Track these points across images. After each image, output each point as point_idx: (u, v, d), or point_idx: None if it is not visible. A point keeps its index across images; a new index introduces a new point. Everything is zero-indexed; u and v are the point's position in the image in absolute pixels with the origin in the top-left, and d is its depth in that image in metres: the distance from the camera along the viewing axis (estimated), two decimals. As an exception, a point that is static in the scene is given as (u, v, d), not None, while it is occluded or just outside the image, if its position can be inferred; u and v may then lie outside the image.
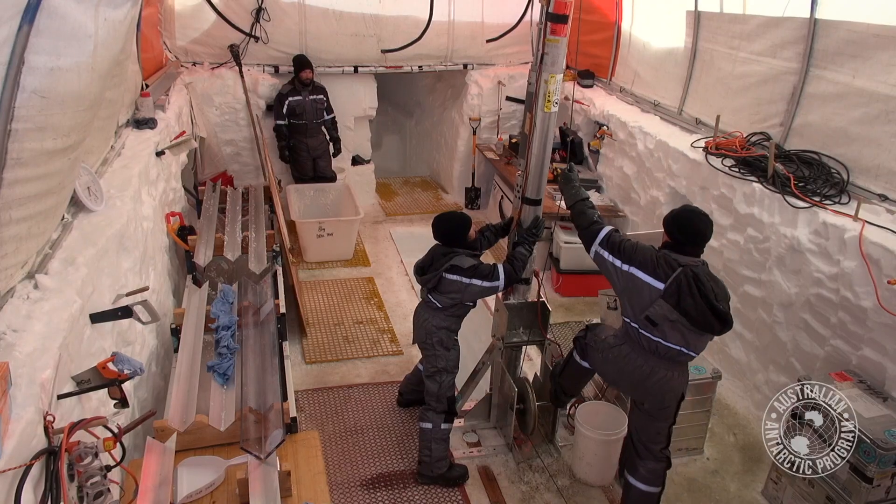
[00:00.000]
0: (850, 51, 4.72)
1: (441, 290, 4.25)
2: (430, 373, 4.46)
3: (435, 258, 4.29)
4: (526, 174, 4.30)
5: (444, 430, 4.45)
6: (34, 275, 2.98)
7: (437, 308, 4.35)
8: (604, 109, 7.39)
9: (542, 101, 3.91)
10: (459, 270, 4.14)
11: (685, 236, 3.61)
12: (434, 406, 4.44)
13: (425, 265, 4.35)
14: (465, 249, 4.29)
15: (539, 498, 4.46)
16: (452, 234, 4.32)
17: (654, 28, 7.12)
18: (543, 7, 3.75)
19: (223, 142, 8.04)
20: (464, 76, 8.93)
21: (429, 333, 4.39)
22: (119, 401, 2.87)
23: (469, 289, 4.18)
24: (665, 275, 3.54)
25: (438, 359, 4.41)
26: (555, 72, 3.81)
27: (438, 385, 4.42)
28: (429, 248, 4.42)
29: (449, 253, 4.23)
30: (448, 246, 4.30)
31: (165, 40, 7.53)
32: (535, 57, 4.00)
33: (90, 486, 2.39)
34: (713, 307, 3.44)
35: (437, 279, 4.19)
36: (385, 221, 8.78)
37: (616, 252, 3.72)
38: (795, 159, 5.03)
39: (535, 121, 4.03)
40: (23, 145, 2.47)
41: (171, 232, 5.36)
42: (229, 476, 3.22)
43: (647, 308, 3.59)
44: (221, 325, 4.14)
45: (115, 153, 4.77)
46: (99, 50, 2.84)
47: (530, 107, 4.15)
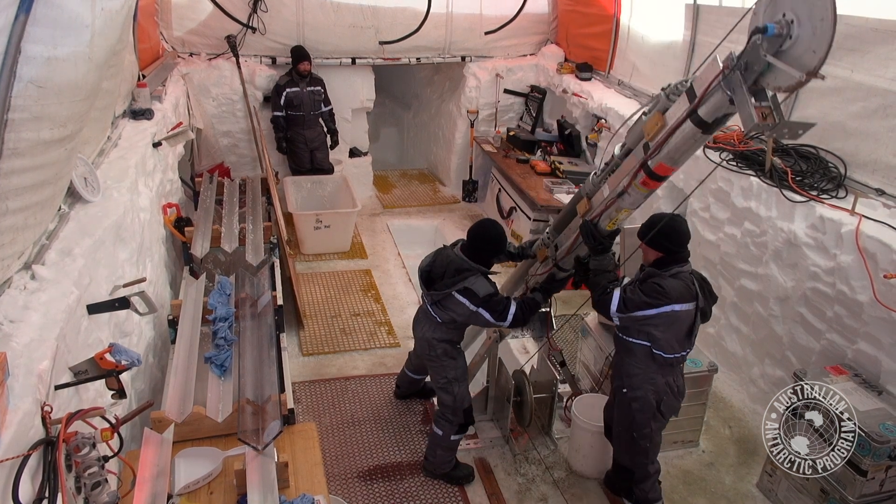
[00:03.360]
0: (848, 45, 4.70)
1: (444, 306, 4.06)
2: (440, 385, 4.33)
3: (448, 271, 3.98)
4: (565, 250, 4.04)
5: (453, 441, 4.41)
6: (31, 265, 2.97)
7: (438, 322, 4.19)
8: (602, 102, 7.37)
9: (606, 220, 3.57)
10: (472, 296, 3.90)
11: (677, 244, 3.64)
12: (450, 417, 4.34)
13: (434, 273, 4.07)
14: (483, 267, 4.00)
15: (535, 490, 4.48)
16: (485, 249, 4.02)
17: (652, 21, 7.10)
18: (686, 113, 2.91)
19: (220, 133, 8.03)
20: (462, 68, 8.91)
21: (431, 347, 4.26)
22: (116, 391, 2.87)
23: (474, 317, 3.99)
24: (691, 293, 3.58)
25: (447, 369, 4.28)
26: (629, 208, 3.46)
27: (453, 397, 4.29)
28: (436, 250, 4.20)
29: (465, 270, 3.94)
30: (472, 254, 4.00)
31: (162, 31, 7.50)
32: (612, 164, 3.58)
33: (88, 476, 2.38)
34: (714, 298, 3.63)
35: (445, 295, 3.98)
36: (382, 214, 8.77)
37: (643, 305, 3.58)
38: (793, 153, 5.03)
39: (591, 218, 3.66)
40: (19, 135, 2.46)
41: (168, 223, 5.35)
42: (227, 467, 3.22)
43: (689, 330, 3.67)
44: (219, 316, 4.14)
45: (112, 144, 4.75)
46: (96, 40, 2.82)
47: (589, 195, 3.76)
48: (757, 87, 2.54)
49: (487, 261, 4.05)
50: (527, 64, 8.91)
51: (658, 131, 3.02)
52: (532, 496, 4.44)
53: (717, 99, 2.71)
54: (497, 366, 4.82)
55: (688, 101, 2.85)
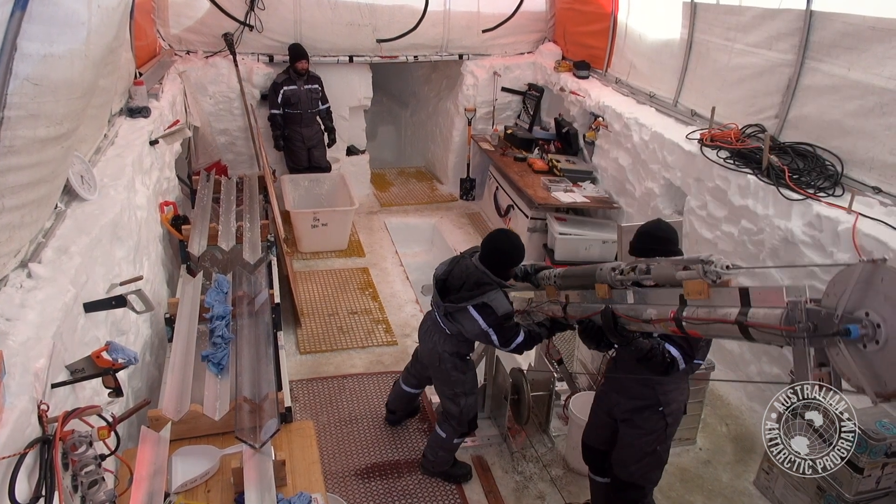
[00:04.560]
0: (845, 43, 4.72)
1: (454, 318, 3.94)
2: (447, 395, 4.27)
3: (467, 283, 3.83)
4: (577, 315, 3.72)
5: (454, 444, 4.40)
6: (27, 263, 2.96)
7: (448, 334, 4.07)
8: (599, 101, 7.38)
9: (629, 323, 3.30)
10: (488, 315, 3.75)
11: (662, 242, 3.38)
12: (454, 425, 4.30)
13: (450, 283, 3.92)
14: (500, 280, 3.86)
15: (533, 488, 4.48)
16: (506, 263, 3.87)
17: (650, 19, 7.10)
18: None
19: (217, 131, 8.01)
20: (459, 66, 8.90)
21: (441, 360, 4.16)
22: (113, 390, 2.86)
23: (481, 336, 3.88)
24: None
25: (455, 384, 4.21)
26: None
27: (460, 409, 4.23)
28: (452, 258, 4.09)
29: (485, 284, 3.78)
30: (490, 265, 3.84)
31: (159, 28, 7.48)
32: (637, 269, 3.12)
33: (84, 474, 2.38)
34: None
35: (460, 308, 3.85)
36: (380, 212, 8.77)
37: (702, 347, 3.38)
38: (790, 151, 5.04)
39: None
40: (15, 133, 2.45)
41: (164, 221, 5.33)
42: (224, 465, 3.22)
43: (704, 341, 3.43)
44: (216, 314, 4.13)
45: (109, 142, 4.74)
46: (92, 37, 2.81)
47: (612, 285, 3.38)
48: (823, 351, 2.21)
49: (506, 274, 3.91)
50: (524, 62, 8.91)
51: (698, 298, 2.69)
52: (529, 494, 4.44)
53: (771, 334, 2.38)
54: (494, 364, 4.82)
55: (739, 302, 2.49)
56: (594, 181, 7.50)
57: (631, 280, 3.06)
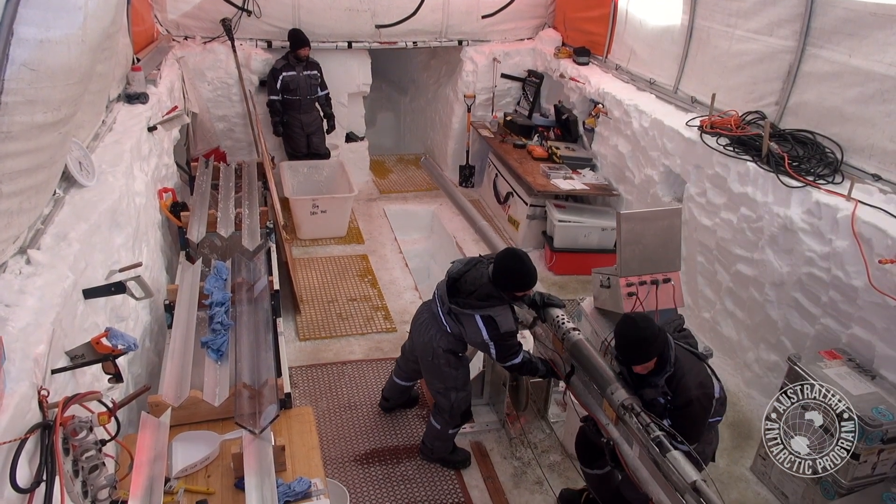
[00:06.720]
0: (846, 29, 4.69)
1: (458, 320, 3.96)
2: (437, 389, 4.27)
3: (478, 292, 3.84)
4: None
5: (449, 434, 4.42)
6: (26, 250, 2.97)
7: (447, 332, 4.09)
8: (599, 87, 7.34)
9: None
10: (493, 329, 3.79)
11: (644, 345, 3.23)
12: (446, 418, 4.32)
13: (462, 284, 3.92)
14: (509, 296, 3.89)
15: (531, 473, 4.51)
16: (512, 286, 3.87)
17: (650, 5, 7.05)
18: None
19: (216, 117, 7.97)
20: (459, 53, 8.84)
21: (434, 355, 4.15)
22: (113, 376, 2.88)
23: (481, 345, 3.93)
24: (705, 369, 3.45)
25: (445, 378, 4.21)
26: None
27: (450, 403, 4.23)
28: (470, 259, 4.10)
29: (494, 298, 3.82)
30: (497, 283, 3.84)
31: (156, 13, 7.42)
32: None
33: (85, 459, 2.40)
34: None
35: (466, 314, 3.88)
36: (379, 199, 8.75)
37: (712, 423, 3.47)
38: (790, 138, 5.03)
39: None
40: (13, 119, 2.44)
41: (163, 208, 5.33)
42: (224, 451, 3.24)
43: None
44: (215, 301, 4.14)
45: (107, 128, 4.72)
46: (89, 22, 2.79)
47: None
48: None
49: (513, 295, 3.93)
50: (524, 48, 8.86)
51: None
52: (528, 479, 4.47)
53: None
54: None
55: None
56: (594, 168, 7.49)
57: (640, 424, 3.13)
